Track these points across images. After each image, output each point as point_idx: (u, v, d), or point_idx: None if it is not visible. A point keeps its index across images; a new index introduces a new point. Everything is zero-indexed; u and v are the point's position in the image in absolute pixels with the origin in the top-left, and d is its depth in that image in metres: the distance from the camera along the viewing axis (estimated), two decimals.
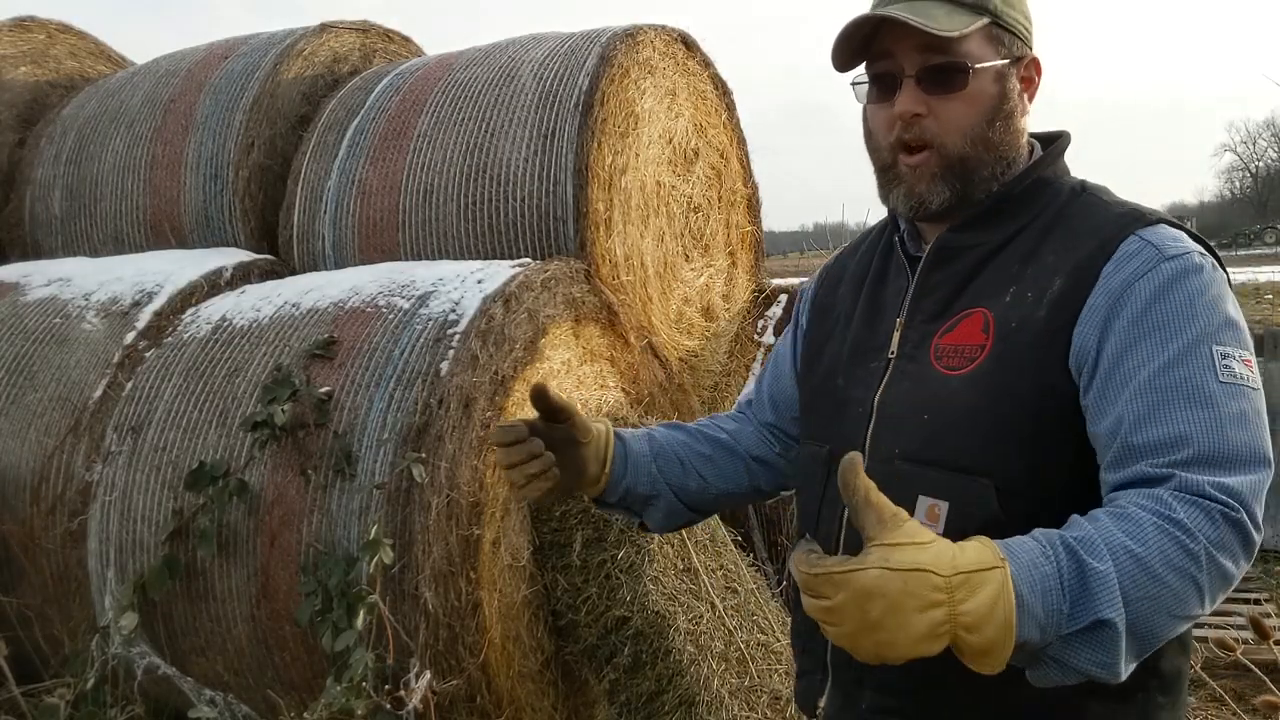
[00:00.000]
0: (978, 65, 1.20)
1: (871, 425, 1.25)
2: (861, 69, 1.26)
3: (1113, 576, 0.94)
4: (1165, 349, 1.07)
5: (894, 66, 1.21)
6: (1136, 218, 1.18)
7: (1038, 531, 0.98)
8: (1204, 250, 1.15)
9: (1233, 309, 1.12)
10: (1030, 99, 1.28)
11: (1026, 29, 1.25)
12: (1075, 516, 1.02)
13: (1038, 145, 1.32)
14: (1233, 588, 1.02)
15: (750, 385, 1.66)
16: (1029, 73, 1.27)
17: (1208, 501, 0.98)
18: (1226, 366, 1.06)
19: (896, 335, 1.27)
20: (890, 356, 1.27)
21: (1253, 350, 1.11)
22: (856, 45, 1.24)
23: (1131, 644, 0.95)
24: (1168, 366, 1.06)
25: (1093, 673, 0.95)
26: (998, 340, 1.17)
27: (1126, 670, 0.96)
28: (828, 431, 1.32)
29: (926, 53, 1.19)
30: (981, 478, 1.12)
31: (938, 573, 0.89)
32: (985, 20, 1.20)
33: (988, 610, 0.90)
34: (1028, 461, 1.13)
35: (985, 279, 1.22)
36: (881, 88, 1.24)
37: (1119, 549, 0.95)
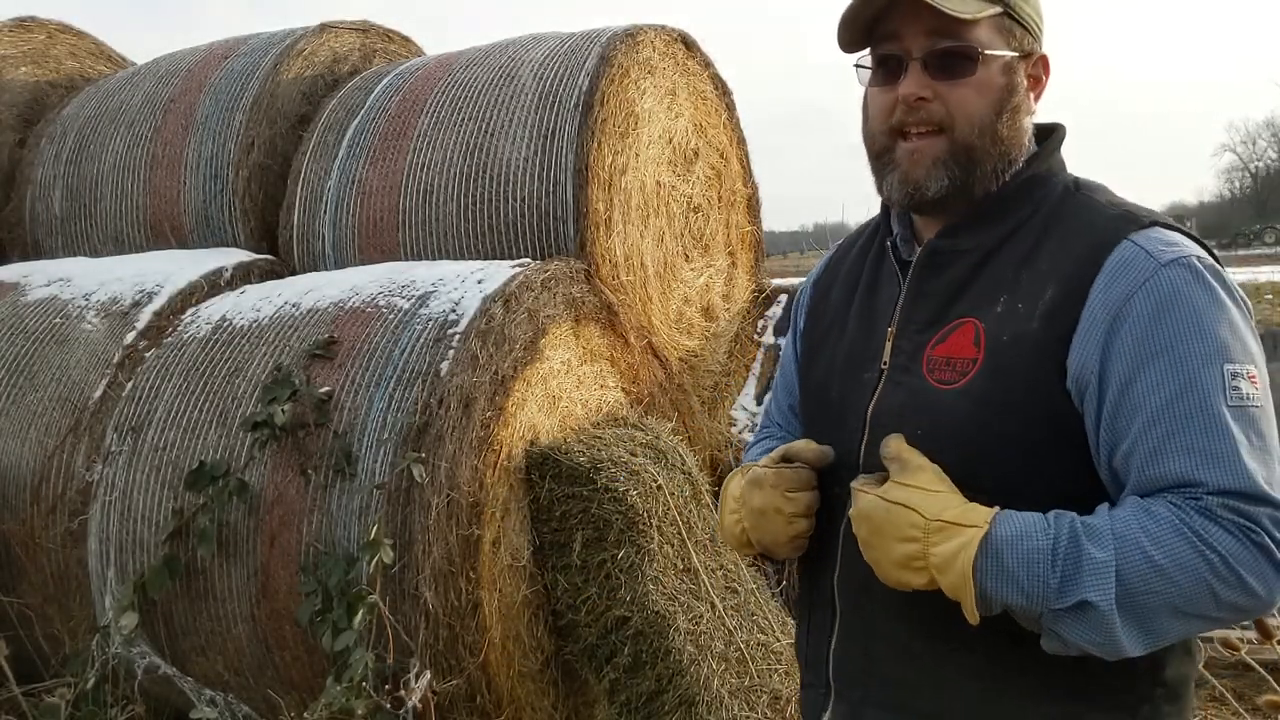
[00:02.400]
0: (987, 52, 1.16)
1: (865, 437, 1.22)
2: (866, 52, 1.23)
3: (1110, 565, 0.99)
4: (1176, 373, 1.05)
5: (900, 49, 1.18)
6: (1130, 220, 1.14)
7: (1055, 512, 1.05)
8: (1202, 251, 1.11)
9: (1237, 315, 1.08)
10: (1037, 98, 1.24)
11: (1038, 25, 1.22)
12: (1103, 505, 1.07)
13: (1032, 141, 1.27)
14: (1269, 609, 1.04)
15: (770, 404, 1.59)
16: (1037, 71, 1.23)
17: (1229, 521, 1.00)
18: (1235, 388, 1.04)
19: (888, 345, 1.23)
20: (883, 367, 1.23)
21: (1261, 354, 1.08)
22: (863, 25, 1.20)
23: (1135, 631, 1.00)
24: (1180, 393, 1.04)
25: (1090, 649, 1.02)
26: (989, 354, 1.13)
27: (1134, 651, 1.01)
28: (826, 440, 1.29)
29: (935, 36, 1.15)
30: (979, 494, 1.09)
31: (922, 514, 1.05)
32: (998, 9, 1.17)
33: (950, 557, 1.03)
34: (1024, 476, 1.11)
35: (979, 286, 1.18)
36: (885, 71, 1.20)
37: (1130, 542, 1.00)
